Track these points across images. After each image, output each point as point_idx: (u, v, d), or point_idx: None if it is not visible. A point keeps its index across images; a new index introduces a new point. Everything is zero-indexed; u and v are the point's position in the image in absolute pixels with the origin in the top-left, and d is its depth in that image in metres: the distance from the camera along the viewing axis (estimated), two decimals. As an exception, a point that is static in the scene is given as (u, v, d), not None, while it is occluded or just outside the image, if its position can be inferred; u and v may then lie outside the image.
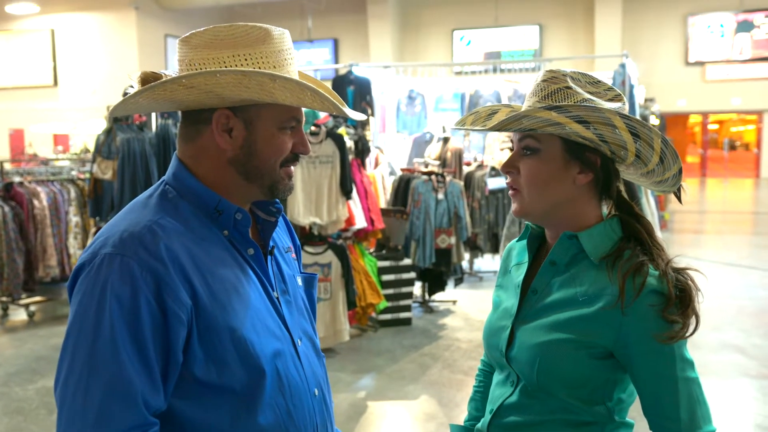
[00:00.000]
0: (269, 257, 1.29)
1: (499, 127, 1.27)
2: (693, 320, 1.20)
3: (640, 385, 1.23)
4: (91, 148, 7.44)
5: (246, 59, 1.15)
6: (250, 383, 1.15)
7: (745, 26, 19.58)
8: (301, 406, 1.22)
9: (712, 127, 25.39)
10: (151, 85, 1.13)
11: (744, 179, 22.11)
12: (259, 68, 1.15)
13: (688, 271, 1.24)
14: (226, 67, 1.14)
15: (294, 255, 1.41)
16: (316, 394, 1.27)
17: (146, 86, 1.13)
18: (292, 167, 1.26)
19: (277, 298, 1.26)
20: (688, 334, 1.19)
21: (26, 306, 6.48)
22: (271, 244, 1.31)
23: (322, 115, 5.32)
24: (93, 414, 1.03)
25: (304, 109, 1.23)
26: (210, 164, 1.21)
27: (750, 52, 19.62)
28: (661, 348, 1.19)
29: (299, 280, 1.37)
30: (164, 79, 1.14)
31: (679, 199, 1.34)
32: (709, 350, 5.00)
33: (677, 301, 1.19)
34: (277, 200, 1.31)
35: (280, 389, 1.19)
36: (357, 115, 1.29)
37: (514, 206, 1.34)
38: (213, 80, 1.10)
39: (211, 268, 1.15)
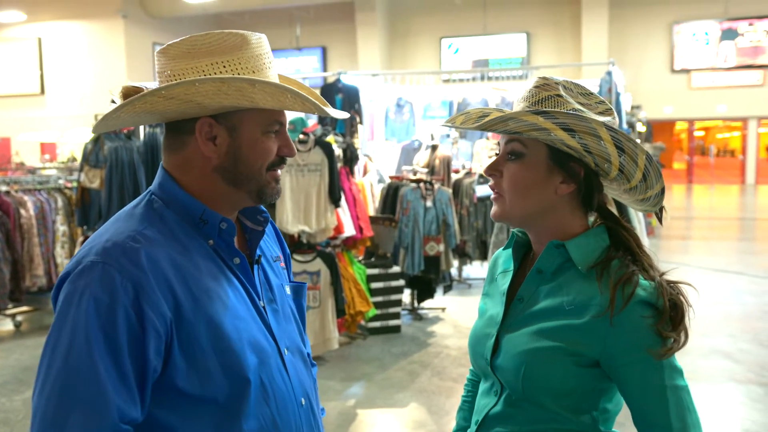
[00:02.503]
0: (256, 266, 1.28)
1: (485, 127, 1.26)
2: (682, 335, 1.19)
3: (628, 395, 1.22)
4: (79, 156, 7.40)
5: (225, 66, 1.15)
6: (234, 393, 1.14)
7: (729, 34, 19.79)
8: (287, 416, 1.21)
9: (698, 134, 25.63)
10: (131, 100, 1.12)
11: (730, 185, 22.31)
12: (238, 74, 1.15)
13: (680, 285, 1.23)
14: (205, 75, 1.14)
15: (283, 264, 1.41)
16: (303, 403, 1.26)
17: (126, 101, 1.13)
18: (279, 171, 1.26)
19: (264, 308, 1.25)
20: (677, 348, 1.18)
21: (13, 316, 6.43)
22: (258, 253, 1.30)
23: (311, 123, 5.33)
24: (64, 424, 1.02)
25: (292, 117, 1.22)
26: (196, 174, 1.21)
27: (735, 59, 19.84)
28: (649, 357, 1.17)
29: (288, 289, 1.37)
30: (143, 92, 1.13)
31: (660, 220, 1.32)
32: (698, 356, 5.03)
33: (669, 316, 1.18)
34: (264, 209, 1.31)
35: (265, 399, 1.18)
36: (340, 114, 1.29)
37: (494, 209, 1.32)
38: (192, 89, 1.10)
39: (196, 277, 1.15)
